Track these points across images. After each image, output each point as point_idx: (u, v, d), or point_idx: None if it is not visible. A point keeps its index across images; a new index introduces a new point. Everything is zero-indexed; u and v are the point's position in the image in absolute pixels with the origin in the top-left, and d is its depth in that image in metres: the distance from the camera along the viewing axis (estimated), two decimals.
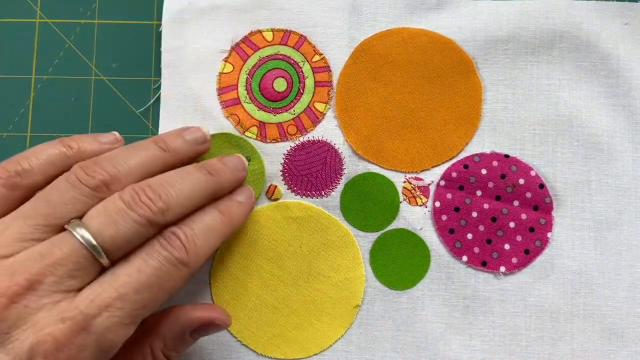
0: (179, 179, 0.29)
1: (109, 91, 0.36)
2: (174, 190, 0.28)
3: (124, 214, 0.26)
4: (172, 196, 0.28)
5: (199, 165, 0.31)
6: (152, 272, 0.26)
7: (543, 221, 0.34)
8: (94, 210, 0.26)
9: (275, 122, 0.35)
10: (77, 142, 0.30)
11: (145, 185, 0.28)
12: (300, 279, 0.34)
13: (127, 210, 0.26)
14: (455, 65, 0.35)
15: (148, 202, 0.27)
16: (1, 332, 0.24)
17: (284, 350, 0.33)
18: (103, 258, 0.26)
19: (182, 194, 0.28)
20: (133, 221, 0.26)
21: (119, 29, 0.37)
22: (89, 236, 0.26)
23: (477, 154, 0.35)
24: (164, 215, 0.27)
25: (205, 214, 0.29)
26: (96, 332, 0.25)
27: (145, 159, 0.29)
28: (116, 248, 0.26)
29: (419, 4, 0.36)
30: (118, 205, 0.26)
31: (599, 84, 0.35)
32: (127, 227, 0.26)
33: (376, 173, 0.35)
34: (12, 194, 0.28)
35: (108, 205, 0.27)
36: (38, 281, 0.25)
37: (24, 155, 0.29)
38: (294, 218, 0.34)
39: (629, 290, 0.33)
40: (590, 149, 0.34)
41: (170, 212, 0.27)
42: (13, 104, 0.36)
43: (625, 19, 0.35)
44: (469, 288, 0.34)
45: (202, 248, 0.28)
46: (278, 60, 0.36)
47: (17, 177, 0.28)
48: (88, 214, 0.26)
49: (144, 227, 0.27)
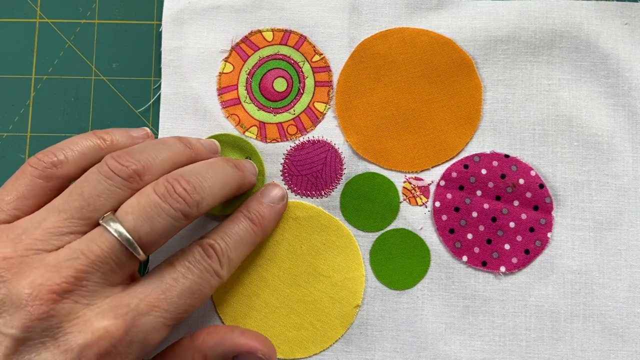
0: (210, 170, 0.29)
1: (109, 91, 0.36)
2: (207, 182, 0.28)
3: (159, 209, 0.27)
4: (205, 188, 0.28)
5: (224, 158, 0.31)
6: (194, 279, 0.28)
7: (543, 221, 0.34)
8: (128, 205, 0.27)
9: (275, 122, 0.35)
10: (110, 135, 0.31)
11: (178, 175, 0.28)
12: (300, 279, 0.34)
13: (162, 203, 0.27)
14: (455, 65, 0.35)
15: (183, 194, 0.27)
16: (53, 327, 0.25)
17: (284, 350, 0.33)
18: (140, 254, 0.26)
19: (214, 185, 0.29)
20: (168, 215, 0.27)
21: (119, 29, 0.37)
22: (125, 233, 0.26)
23: (477, 154, 0.35)
24: (199, 207, 0.28)
25: (237, 225, 0.31)
26: (144, 330, 0.26)
27: (174, 154, 0.30)
28: (152, 243, 0.27)
29: (419, 4, 0.36)
30: (152, 200, 0.27)
31: (599, 84, 0.35)
32: (163, 222, 0.27)
33: (376, 173, 0.35)
34: (48, 185, 0.28)
35: (142, 199, 0.27)
36: (84, 277, 0.25)
37: (58, 146, 0.29)
38: (294, 218, 0.34)
39: (629, 290, 0.33)
40: (590, 149, 0.34)
41: (204, 204, 0.28)
42: (13, 104, 0.36)
43: (625, 19, 0.35)
44: (469, 288, 0.34)
45: (234, 260, 0.30)
46: (278, 60, 0.36)
47: (52, 168, 0.29)
48: (122, 208, 0.27)
49: (178, 220, 0.27)
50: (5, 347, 0.24)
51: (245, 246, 0.31)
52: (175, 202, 0.27)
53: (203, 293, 0.28)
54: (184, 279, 0.27)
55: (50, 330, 0.25)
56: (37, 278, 0.25)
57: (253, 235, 0.31)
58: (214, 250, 0.29)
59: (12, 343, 0.24)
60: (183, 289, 0.27)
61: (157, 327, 0.26)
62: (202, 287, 0.28)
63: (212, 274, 0.28)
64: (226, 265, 0.29)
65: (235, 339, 0.29)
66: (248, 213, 0.31)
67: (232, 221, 0.31)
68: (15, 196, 0.28)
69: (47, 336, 0.24)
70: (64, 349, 0.24)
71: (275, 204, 0.33)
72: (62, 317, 0.25)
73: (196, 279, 0.28)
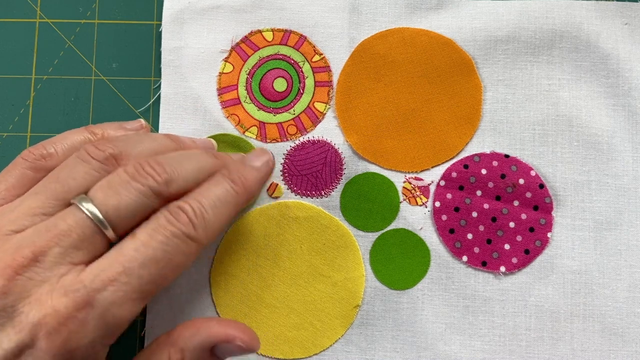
0: (185, 156, 0.29)
1: (109, 91, 0.36)
2: (179, 165, 0.28)
3: (127, 185, 0.26)
4: (175, 168, 0.28)
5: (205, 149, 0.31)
6: (158, 246, 0.26)
7: (543, 221, 0.34)
8: (99, 185, 0.27)
9: (275, 122, 0.35)
10: (102, 129, 0.31)
11: (150, 158, 0.28)
12: (300, 279, 0.34)
13: (130, 180, 0.26)
14: (455, 65, 0.35)
15: (152, 172, 0.27)
16: (7, 306, 0.24)
17: (284, 350, 0.33)
18: (108, 230, 0.26)
19: (187, 168, 0.28)
20: (136, 190, 0.26)
21: (119, 29, 0.37)
22: (93, 208, 0.26)
23: (477, 154, 0.35)
24: (168, 185, 0.27)
25: (215, 185, 0.29)
26: (100, 306, 0.25)
27: (155, 144, 0.30)
28: (121, 219, 0.26)
29: (419, 4, 0.36)
30: (122, 177, 0.27)
31: (599, 84, 0.35)
32: (131, 197, 0.26)
33: (376, 173, 0.35)
34: (36, 176, 0.29)
35: (112, 179, 0.27)
36: (42, 252, 0.25)
37: (49, 140, 0.30)
38: (294, 218, 0.34)
39: (629, 290, 0.33)
40: (590, 149, 0.34)
41: (174, 184, 0.27)
42: (13, 104, 0.36)
43: (625, 19, 0.35)
44: (469, 288, 0.34)
45: (213, 222, 0.28)
46: (278, 60, 0.36)
47: (41, 160, 0.29)
48: (93, 188, 0.27)
49: (147, 197, 0.26)
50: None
51: (225, 206, 0.28)
52: (143, 179, 0.27)
53: (173, 261, 0.26)
54: (145, 247, 0.26)
55: (5, 309, 0.24)
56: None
57: (234, 196, 0.29)
58: (184, 212, 0.27)
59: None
60: (145, 259, 0.25)
61: (117, 302, 0.25)
62: (169, 255, 0.26)
63: (182, 239, 0.26)
64: (201, 228, 0.27)
65: (212, 328, 0.27)
66: (229, 174, 0.30)
67: (209, 182, 0.29)
68: (4, 187, 0.28)
69: (4, 317, 0.24)
70: (18, 329, 0.24)
71: (258, 168, 0.32)
72: (15, 294, 0.24)
73: (161, 247, 0.26)
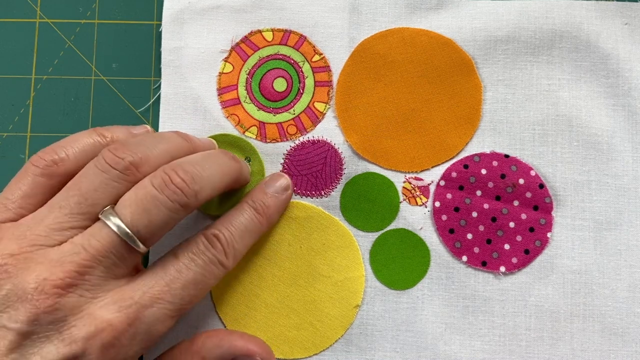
0: (208, 160, 0.29)
1: (109, 91, 0.36)
2: (205, 171, 0.28)
3: (156, 201, 0.27)
4: (204, 177, 0.28)
5: (222, 150, 0.32)
6: (198, 270, 0.28)
7: (543, 221, 0.34)
8: (126, 199, 0.27)
9: (275, 122, 0.35)
10: (111, 132, 0.31)
11: (176, 165, 0.28)
12: (300, 279, 0.34)
13: (159, 195, 0.27)
14: (455, 65, 0.35)
15: (181, 184, 0.27)
16: (58, 320, 0.25)
17: (284, 350, 0.33)
18: (139, 247, 0.27)
19: (212, 175, 0.29)
20: (165, 207, 0.27)
21: (119, 29, 0.37)
22: (124, 227, 0.26)
23: (477, 154, 0.35)
24: (197, 197, 0.28)
25: (242, 214, 0.31)
26: (148, 322, 0.26)
27: (171, 146, 0.30)
28: (152, 235, 0.27)
29: (419, 4, 0.36)
30: (150, 192, 0.27)
31: (599, 84, 0.35)
32: (161, 215, 0.27)
33: (376, 173, 0.35)
34: (49, 182, 0.29)
35: (139, 192, 0.27)
36: (87, 271, 0.26)
37: (59, 144, 0.30)
38: (294, 218, 0.34)
39: (629, 290, 0.33)
40: (590, 149, 0.34)
41: (202, 194, 0.28)
42: (13, 104, 0.36)
43: (625, 19, 0.35)
44: (468, 288, 0.34)
45: (240, 250, 0.30)
46: (278, 60, 0.36)
47: (53, 166, 0.29)
48: (120, 201, 0.27)
49: (177, 212, 0.27)
50: (9, 342, 0.24)
51: (250, 235, 0.31)
52: (173, 194, 0.27)
53: (207, 284, 0.28)
54: (188, 270, 0.28)
55: (56, 323, 0.25)
56: (42, 273, 0.25)
57: (258, 225, 0.31)
58: (219, 240, 0.29)
59: (15, 337, 0.24)
60: (187, 280, 0.27)
61: (161, 318, 0.27)
62: (206, 278, 0.28)
63: (216, 265, 0.29)
64: (231, 255, 0.29)
65: (234, 341, 0.29)
66: (252, 203, 0.32)
67: (237, 210, 0.31)
68: (19, 195, 0.28)
69: (52, 330, 0.25)
70: (68, 342, 0.25)
71: (279, 194, 0.33)
72: (67, 310, 0.25)
73: (200, 270, 0.28)
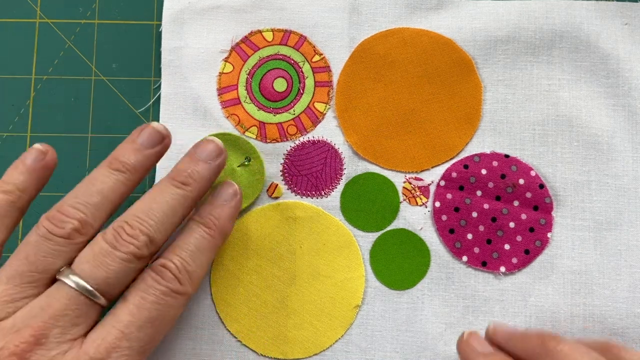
0: (154, 204, 0.29)
1: (109, 91, 0.36)
2: (153, 218, 0.28)
3: (112, 255, 0.27)
4: (152, 225, 0.28)
5: (169, 177, 0.30)
6: (151, 306, 0.27)
7: (543, 221, 0.34)
8: (82, 257, 0.27)
9: (275, 122, 0.35)
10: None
11: (122, 222, 0.28)
12: (300, 279, 0.34)
13: (112, 250, 0.27)
14: (455, 65, 0.35)
15: (130, 239, 0.27)
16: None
17: (284, 350, 0.33)
18: (100, 299, 0.27)
19: (161, 219, 0.28)
20: (120, 259, 0.27)
21: (119, 29, 0.37)
22: (82, 282, 0.26)
23: (477, 154, 0.35)
24: (149, 247, 0.28)
25: (191, 235, 0.29)
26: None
27: (107, 191, 0.28)
28: (111, 288, 0.27)
29: (419, 4, 0.36)
30: (103, 247, 0.27)
31: (599, 84, 0.35)
32: (116, 266, 0.27)
33: (376, 173, 0.35)
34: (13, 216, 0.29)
35: (94, 249, 0.27)
36: (44, 335, 0.25)
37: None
38: (294, 218, 0.34)
39: (629, 290, 0.33)
40: (590, 149, 0.34)
41: (154, 242, 0.28)
42: (13, 104, 0.36)
43: (625, 19, 0.35)
44: (468, 288, 0.34)
45: (196, 272, 0.29)
46: (278, 60, 0.36)
47: None
48: (77, 260, 0.27)
49: (132, 262, 0.27)
50: None
51: (203, 254, 0.29)
52: (124, 247, 0.27)
53: (167, 316, 0.28)
54: (140, 310, 0.27)
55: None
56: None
57: (210, 240, 0.30)
58: (168, 269, 0.28)
59: None
60: (142, 321, 0.27)
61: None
62: (162, 313, 0.27)
63: (171, 295, 0.28)
64: (186, 280, 0.28)
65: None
66: (200, 219, 0.30)
67: (184, 232, 0.30)
68: None
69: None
70: None
71: (228, 201, 0.31)
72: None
73: (154, 307, 0.27)
